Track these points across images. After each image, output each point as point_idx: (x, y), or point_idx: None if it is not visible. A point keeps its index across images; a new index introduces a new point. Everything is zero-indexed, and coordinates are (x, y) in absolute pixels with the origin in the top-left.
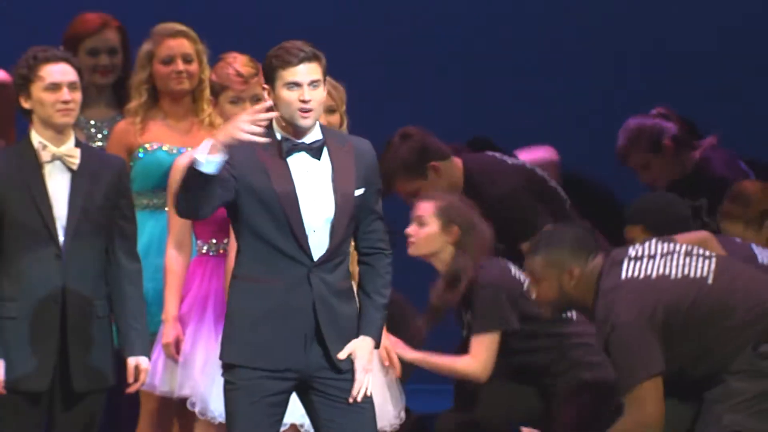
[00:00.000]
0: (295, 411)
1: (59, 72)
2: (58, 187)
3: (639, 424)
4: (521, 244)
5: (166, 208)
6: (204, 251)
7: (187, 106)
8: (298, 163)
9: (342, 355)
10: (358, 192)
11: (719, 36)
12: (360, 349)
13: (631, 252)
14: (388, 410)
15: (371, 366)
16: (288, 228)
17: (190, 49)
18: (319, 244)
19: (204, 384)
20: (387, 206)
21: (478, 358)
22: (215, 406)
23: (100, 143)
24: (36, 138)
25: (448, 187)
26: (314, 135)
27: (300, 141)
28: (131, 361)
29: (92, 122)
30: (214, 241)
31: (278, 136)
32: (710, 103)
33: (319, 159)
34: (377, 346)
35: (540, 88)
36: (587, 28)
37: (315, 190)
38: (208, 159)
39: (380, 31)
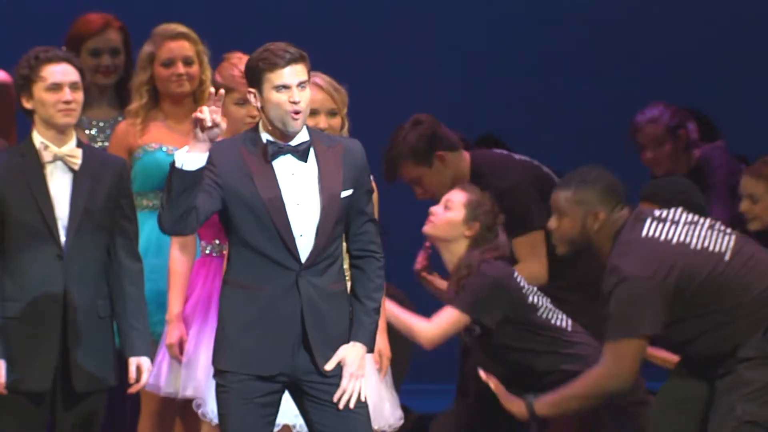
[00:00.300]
0: (288, 411)
1: (61, 72)
2: (59, 187)
3: (610, 377)
4: (514, 239)
5: None
6: (207, 252)
7: (188, 108)
8: (284, 166)
9: (329, 365)
10: (346, 193)
11: (719, 36)
12: (349, 356)
13: (657, 213)
14: (386, 410)
15: (361, 372)
16: (276, 233)
17: (190, 51)
18: (307, 247)
19: (207, 385)
20: (387, 207)
21: (437, 327)
22: (212, 407)
23: (101, 143)
24: (38, 138)
25: (453, 178)
26: (300, 137)
27: (286, 144)
28: (132, 361)
29: (94, 122)
30: (217, 242)
31: (264, 140)
32: (710, 103)
33: (305, 161)
34: (371, 350)
35: (540, 89)
36: (587, 28)
37: (301, 192)
38: (188, 157)
39: (380, 31)
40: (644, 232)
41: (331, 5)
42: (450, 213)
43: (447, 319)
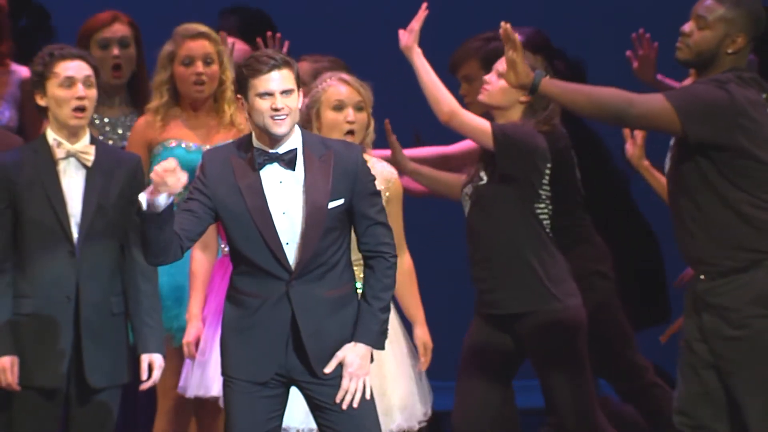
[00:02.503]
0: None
1: (74, 68)
2: (72, 184)
3: (631, 102)
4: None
5: None
6: (227, 252)
7: (208, 107)
8: (271, 175)
9: (329, 368)
10: (335, 204)
11: None
12: (349, 356)
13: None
14: (417, 408)
15: (363, 371)
16: (263, 242)
17: (211, 51)
18: (295, 255)
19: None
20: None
21: (467, 113)
22: None
23: (113, 141)
24: (51, 135)
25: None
26: (290, 144)
27: (273, 151)
28: (144, 358)
29: (106, 120)
30: None
31: (253, 147)
32: None
33: (293, 169)
34: (381, 347)
35: None
36: (587, 27)
37: (287, 201)
38: (152, 201)
39: (380, 31)
40: (750, 95)
41: (332, 5)
42: (504, 81)
43: (478, 119)
